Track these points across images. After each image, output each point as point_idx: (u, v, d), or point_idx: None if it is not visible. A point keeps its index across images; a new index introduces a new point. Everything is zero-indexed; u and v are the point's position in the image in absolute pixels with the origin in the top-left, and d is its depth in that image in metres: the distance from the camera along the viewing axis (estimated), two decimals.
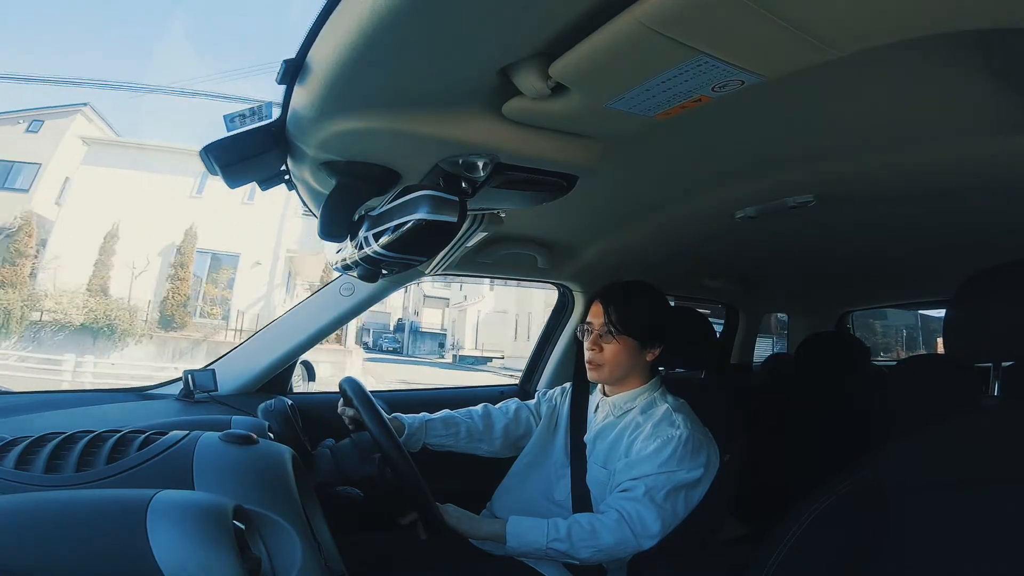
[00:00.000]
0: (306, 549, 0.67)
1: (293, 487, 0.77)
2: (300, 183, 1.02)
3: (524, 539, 1.15)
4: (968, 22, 0.53)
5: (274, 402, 1.20)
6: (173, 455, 0.73)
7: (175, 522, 0.56)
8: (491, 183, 0.89)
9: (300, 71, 0.70)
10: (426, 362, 22.44)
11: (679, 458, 1.16)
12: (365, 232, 0.87)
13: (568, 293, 1.98)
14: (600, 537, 1.12)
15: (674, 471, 1.15)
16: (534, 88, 0.66)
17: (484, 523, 1.21)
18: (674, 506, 1.14)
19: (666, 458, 1.16)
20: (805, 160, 0.99)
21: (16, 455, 0.69)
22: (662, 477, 1.14)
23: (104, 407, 1.34)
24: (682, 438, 1.17)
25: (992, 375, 0.83)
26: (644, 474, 1.16)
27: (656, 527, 1.12)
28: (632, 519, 1.12)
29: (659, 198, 1.21)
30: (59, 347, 11.42)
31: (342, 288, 1.56)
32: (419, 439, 1.40)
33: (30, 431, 0.78)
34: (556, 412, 1.46)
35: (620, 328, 1.27)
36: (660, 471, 1.15)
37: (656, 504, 1.13)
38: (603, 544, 1.12)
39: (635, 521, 1.12)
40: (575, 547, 1.13)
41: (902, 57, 0.64)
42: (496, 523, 1.19)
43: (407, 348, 27.03)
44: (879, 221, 1.32)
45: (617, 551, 1.13)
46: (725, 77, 0.61)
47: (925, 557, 0.70)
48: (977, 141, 0.85)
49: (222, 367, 1.50)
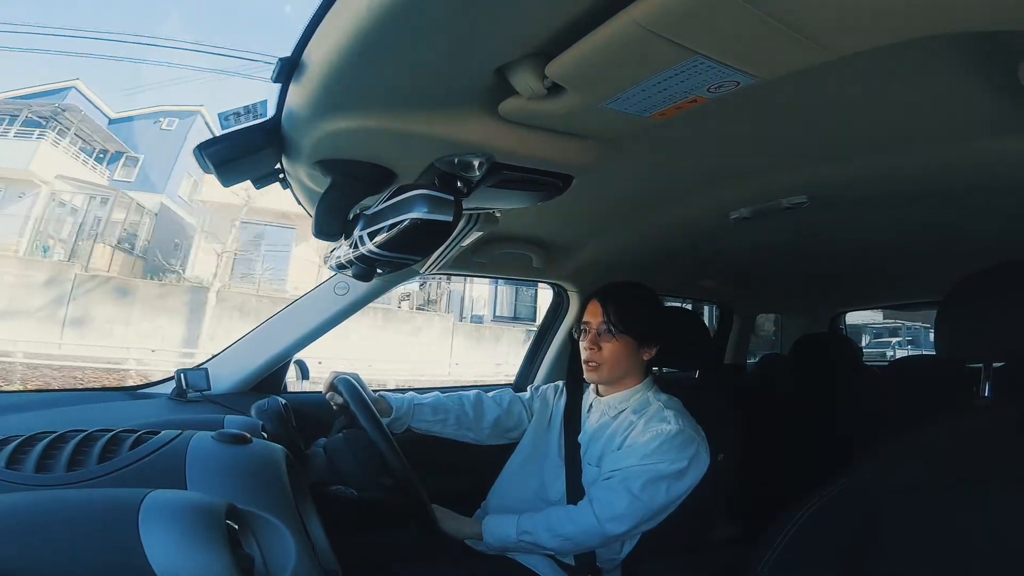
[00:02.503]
0: (300, 548, 0.67)
1: (287, 486, 0.76)
2: (295, 182, 1.01)
3: (497, 534, 1.19)
4: (964, 23, 0.53)
5: (268, 401, 1.19)
6: (165, 454, 0.73)
7: (167, 522, 0.55)
8: (486, 182, 0.89)
9: (295, 69, 0.69)
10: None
11: (664, 451, 1.16)
12: (360, 231, 0.87)
13: (563, 293, 1.98)
14: (563, 525, 1.15)
15: (656, 463, 1.15)
16: (530, 88, 0.66)
17: (465, 523, 1.24)
18: (652, 495, 1.14)
19: (651, 451, 1.16)
20: (799, 161, 0.99)
21: (7, 454, 0.68)
22: (642, 468, 1.15)
23: (96, 406, 1.33)
24: (670, 432, 1.17)
25: (983, 376, 0.83)
26: (626, 465, 1.17)
27: (622, 509, 1.12)
28: (599, 504, 1.14)
29: (654, 198, 1.22)
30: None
31: (337, 287, 1.56)
32: (404, 423, 1.39)
33: (21, 430, 0.77)
34: (550, 410, 1.46)
35: (619, 327, 1.27)
36: (642, 463, 1.16)
37: (629, 492, 1.13)
38: (567, 532, 1.14)
39: (602, 505, 1.13)
40: (541, 537, 1.15)
41: (896, 59, 0.64)
42: (476, 523, 1.22)
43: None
44: (873, 222, 1.33)
45: (583, 538, 1.15)
46: (721, 78, 0.61)
47: (918, 558, 0.70)
48: (971, 143, 0.86)
49: (215, 366, 1.49)
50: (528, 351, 2.09)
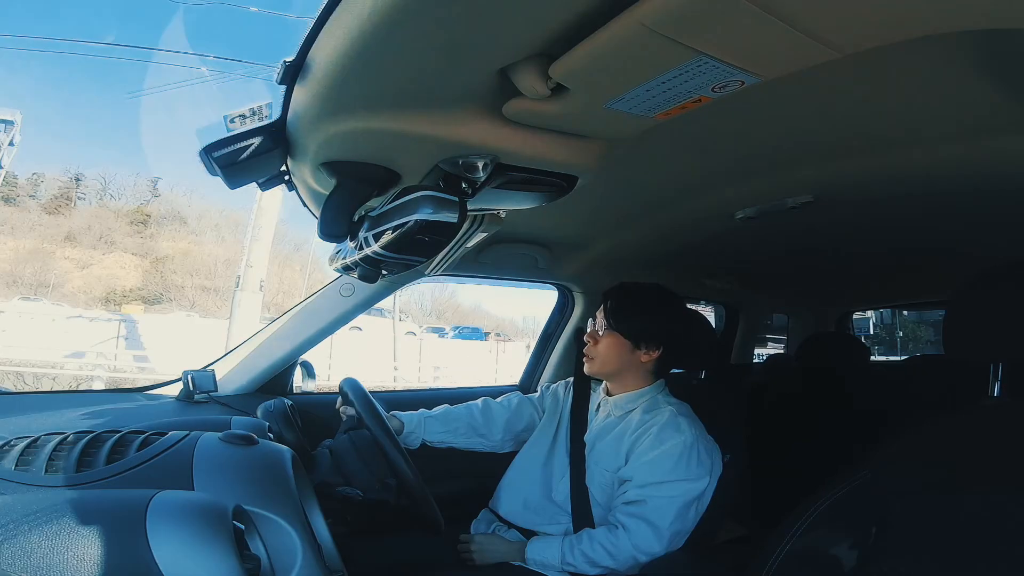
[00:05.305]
0: (305, 549, 0.67)
1: (293, 487, 0.76)
2: (300, 183, 1.02)
3: (539, 561, 1.22)
4: (968, 22, 0.53)
5: (274, 403, 1.19)
6: (173, 455, 0.73)
7: (175, 523, 0.56)
8: (491, 183, 0.89)
9: (300, 71, 0.70)
10: None
11: (685, 465, 1.17)
12: (365, 232, 0.87)
13: (568, 293, 1.98)
14: (604, 559, 1.17)
15: (680, 480, 1.16)
16: (534, 89, 0.66)
17: (511, 546, 1.28)
18: (683, 522, 1.17)
19: (671, 466, 1.17)
20: (805, 160, 0.99)
21: (16, 455, 0.69)
22: (669, 499, 1.16)
23: (103, 407, 1.34)
24: (687, 443, 1.18)
25: (991, 375, 0.83)
26: (651, 481, 1.18)
27: (659, 548, 1.16)
28: (637, 537, 1.16)
29: (659, 198, 1.21)
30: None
31: (342, 289, 1.56)
32: (418, 436, 1.40)
33: (30, 431, 0.78)
34: (560, 407, 1.46)
35: (610, 324, 1.29)
36: (666, 479, 1.17)
37: (665, 527, 1.15)
38: (607, 564, 1.17)
39: (638, 539, 1.16)
40: (582, 567, 1.19)
41: (902, 57, 0.64)
42: (519, 546, 1.26)
43: None
44: (879, 222, 1.32)
45: (621, 567, 1.17)
46: (725, 78, 0.61)
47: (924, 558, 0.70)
48: (979, 141, 0.85)
49: (222, 368, 1.50)
50: (534, 351, 2.10)
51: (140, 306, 21.69)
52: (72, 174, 28.01)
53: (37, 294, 20.26)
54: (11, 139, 13.23)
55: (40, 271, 22.70)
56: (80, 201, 27.92)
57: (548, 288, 2.02)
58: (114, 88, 32.03)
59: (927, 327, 6.44)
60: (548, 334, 2.05)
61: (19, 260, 22.56)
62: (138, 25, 33.04)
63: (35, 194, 26.94)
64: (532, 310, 30.95)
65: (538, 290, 2.07)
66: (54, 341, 11.67)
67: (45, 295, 20.35)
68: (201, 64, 17.62)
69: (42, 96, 29.80)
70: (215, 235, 27.22)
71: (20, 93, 27.88)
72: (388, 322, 14.69)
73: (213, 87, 17.45)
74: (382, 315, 15.09)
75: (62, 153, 37.31)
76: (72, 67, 33.55)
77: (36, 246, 23.62)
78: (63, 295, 21.69)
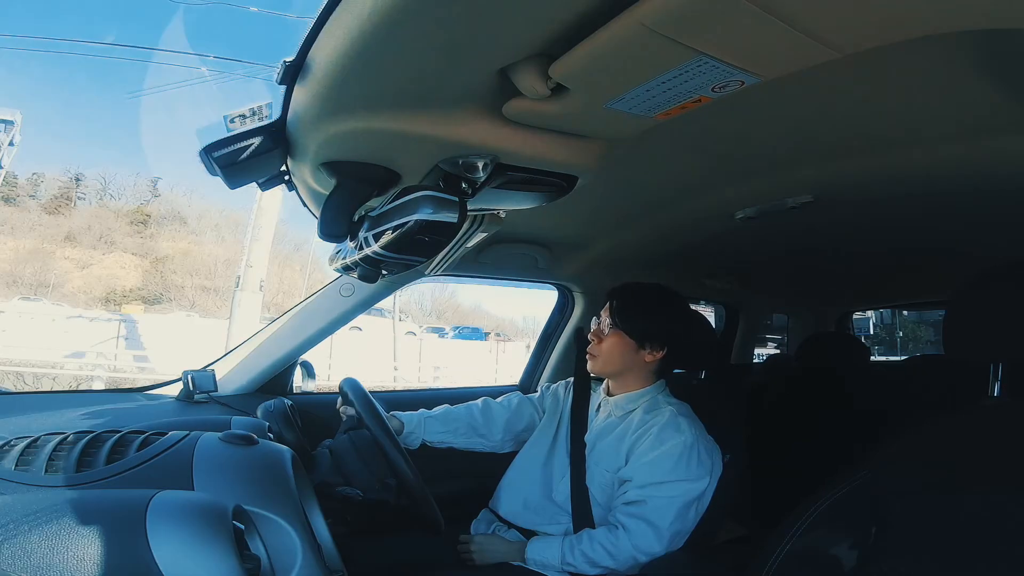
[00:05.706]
0: (305, 549, 0.67)
1: (293, 487, 0.76)
2: (300, 183, 1.02)
3: (539, 561, 1.23)
4: (968, 22, 0.53)
5: (274, 403, 1.19)
6: (173, 455, 0.73)
7: (175, 523, 0.56)
8: (491, 183, 0.89)
9: (300, 71, 0.70)
10: None
11: (685, 465, 1.17)
12: (365, 232, 0.87)
13: (568, 293, 1.98)
14: (604, 560, 1.18)
15: (680, 480, 1.17)
16: (534, 89, 0.66)
17: (511, 546, 1.28)
18: (683, 522, 1.17)
19: (671, 466, 1.17)
20: (805, 160, 0.99)
21: (16, 455, 0.69)
22: (669, 499, 1.16)
23: (103, 407, 1.34)
24: (687, 444, 1.18)
25: (991, 375, 0.83)
26: (651, 482, 1.18)
27: (659, 548, 1.16)
28: (637, 537, 1.16)
29: (659, 198, 1.21)
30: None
31: (342, 289, 1.56)
32: (418, 436, 1.40)
33: (30, 431, 0.78)
34: (560, 407, 1.46)
35: (616, 323, 1.29)
36: (667, 479, 1.17)
37: (665, 527, 1.16)
38: (607, 564, 1.18)
39: (638, 539, 1.16)
40: (581, 567, 1.19)
41: (902, 57, 0.64)
42: (519, 546, 1.26)
43: None
44: (879, 222, 1.32)
45: (622, 567, 1.18)
46: (725, 78, 0.61)
47: (924, 558, 0.70)
48: (977, 142, 0.85)
49: (222, 368, 1.50)
50: (534, 351, 2.09)
51: (140, 306, 21.71)
52: (72, 174, 28.09)
53: (37, 294, 20.32)
54: (11, 139, 13.28)
55: (40, 271, 22.74)
56: (80, 201, 27.97)
57: (548, 288, 2.02)
58: (114, 88, 32.23)
59: (927, 327, 6.43)
60: (548, 334, 2.05)
61: (19, 260, 22.59)
62: (138, 25, 33.14)
63: (35, 194, 27.00)
64: (532, 310, 30.97)
65: (538, 290, 2.07)
66: (54, 341, 11.69)
67: (45, 295, 20.39)
68: (201, 64, 17.62)
69: (42, 96, 29.90)
70: (215, 235, 27.27)
71: (20, 93, 28.03)
72: (388, 322, 14.74)
73: (213, 87, 17.46)
74: (382, 315, 15.15)
75: (62, 153, 37.48)
76: (72, 67, 33.73)
77: (36, 246, 23.66)
78: (63, 295, 21.73)
